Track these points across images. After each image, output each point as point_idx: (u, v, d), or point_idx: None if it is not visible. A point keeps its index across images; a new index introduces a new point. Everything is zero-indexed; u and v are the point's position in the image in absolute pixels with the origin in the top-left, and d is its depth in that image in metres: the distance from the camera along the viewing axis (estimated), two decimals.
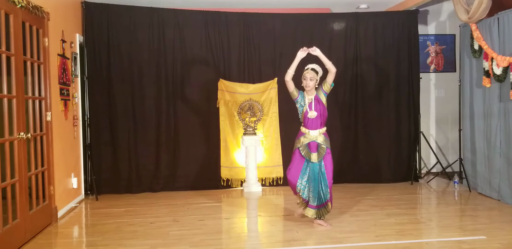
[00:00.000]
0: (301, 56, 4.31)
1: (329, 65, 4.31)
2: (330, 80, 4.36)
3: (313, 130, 4.36)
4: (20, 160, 3.90)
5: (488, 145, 5.52)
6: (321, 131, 4.39)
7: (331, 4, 6.93)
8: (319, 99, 4.37)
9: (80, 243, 4.14)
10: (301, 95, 4.39)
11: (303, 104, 4.37)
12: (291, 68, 4.31)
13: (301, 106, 4.39)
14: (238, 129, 6.29)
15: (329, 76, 4.36)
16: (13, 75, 3.87)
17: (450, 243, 3.85)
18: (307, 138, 4.37)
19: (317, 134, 4.36)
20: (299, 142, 4.40)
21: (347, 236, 4.05)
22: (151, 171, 6.15)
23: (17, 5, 3.86)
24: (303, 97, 4.38)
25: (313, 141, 4.37)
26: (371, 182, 6.48)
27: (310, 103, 4.35)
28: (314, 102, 4.35)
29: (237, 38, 6.34)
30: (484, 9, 5.18)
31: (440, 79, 7.36)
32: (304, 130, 4.40)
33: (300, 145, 4.39)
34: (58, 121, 4.88)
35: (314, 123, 4.36)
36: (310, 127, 4.36)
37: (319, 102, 4.37)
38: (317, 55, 4.32)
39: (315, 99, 4.36)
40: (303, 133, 4.41)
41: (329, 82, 4.36)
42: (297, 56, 4.31)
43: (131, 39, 6.07)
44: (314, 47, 4.32)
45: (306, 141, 4.37)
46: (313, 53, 4.32)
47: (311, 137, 4.37)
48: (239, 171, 6.30)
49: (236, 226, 4.67)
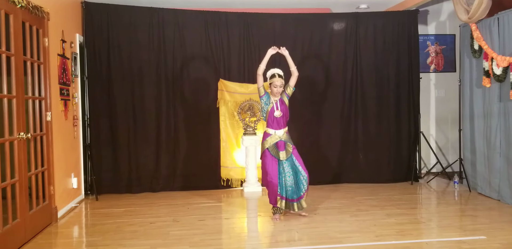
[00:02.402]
0: (271, 53, 4.67)
1: (294, 68, 4.69)
2: (292, 83, 4.70)
3: (278, 129, 4.65)
4: (20, 160, 3.90)
5: (488, 145, 5.52)
6: (285, 130, 4.70)
7: (331, 4, 6.93)
8: (283, 101, 4.70)
9: (80, 243, 4.15)
10: (267, 95, 4.68)
11: (269, 103, 4.66)
12: (262, 63, 4.63)
13: (266, 105, 4.67)
14: (238, 129, 6.29)
15: (292, 79, 4.69)
16: (13, 75, 3.87)
17: (450, 243, 3.85)
18: (274, 137, 4.64)
19: (282, 132, 4.66)
20: (267, 143, 4.65)
21: (347, 236, 4.05)
22: (151, 171, 6.15)
23: (17, 5, 3.86)
24: (269, 97, 4.67)
25: (280, 140, 4.64)
26: (371, 182, 6.48)
27: (276, 103, 4.66)
28: (279, 103, 4.67)
29: (237, 38, 6.34)
30: (484, 9, 5.18)
31: (440, 79, 7.36)
32: (270, 130, 4.67)
33: (268, 146, 4.62)
34: (58, 121, 4.88)
35: (278, 123, 4.65)
36: (275, 127, 4.66)
37: (283, 103, 4.69)
38: (285, 55, 4.70)
39: (279, 100, 4.68)
40: (269, 134, 4.67)
41: (291, 85, 4.70)
42: (267, 53, 4.67)
43: (131, 39, 6.07)
44: (284, 48, 4.70)
45: (274, 141, 4.63)
46: (282, 52, 4.69)
47: (277, 136, 4.64)
48: (239, 171, 6.30)
49: (236, 226, 4.67)
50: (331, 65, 6.54)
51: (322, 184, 6.32)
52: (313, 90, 6.46)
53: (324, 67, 6.50)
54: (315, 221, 4.56)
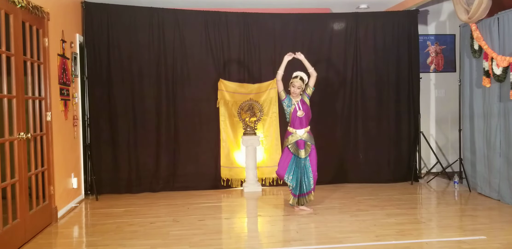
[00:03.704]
0: (287, 60, 4.92)
1: (311, 70, 4.89)
2: (311, 83, 4.91)
3: (299, 129, 4.87)
4: (20, 160, 3.90)
5: (488, 145, 5.52)
6: (306, 129, 4.89)
7: (331, 4, 6.93)
8: (304, 101, 4.92)
9: (80, 243, 4.14)
10: (288, 98, 4.91)
11: (291, 105, 4.88)
12: (280, 69, 4.90)
13: (288, 107, 4.90)
14: (238, 129, 6.29)
15: (311, 80, 4.91)
16: (13, 75, 3.87)
17: (450, 243, 3.85)
18: (295, 136, 4.87)
19: (303, 132, 4.87)
20: (287, 141, 4.91)
21: (347, 236, 4.05)
22: (151, 171, 6.15)
23: (17, 5, 3.86)
24: (290, 99, 4.91)
25: (300, 139, 4.86)
26: (371, 182, 6.48)
27: (298, 104, 4.88)
28: (300, 103, 4.89)
29: (237, 38, 6.34)
30: (484, 9, 5.18)
31: (440, 79, 7.36)
32: (292, 129, 4.90)
33: (289, 144, 4.88)
34: (58, 121, 4.88)
35: (300, 122, 4.87)
36: (297, 127, 4.87)
37: (304, 103, 4.92)
38: (301, 60, 4.93)
39: (301, 101, 4.91)
40: (290, 133, 4.90)
41: (311, 85, 4.92)
42: (284, 60, 4.92)
43: (131, 39, 6.07)
44: (299, 53, 4.95)
45: (294, 139, 4.87)
46: (298, 57, 4.93)
47: (298, 136, 4.86)
48: (239, 171, 6.30)
49: (236, 226, 4.67)
50: (331, 65, 6.54)
51: (322, 184, 6.30)
52: None
53: (324, 67, 6.49)
54: (315, 221, 4.57)
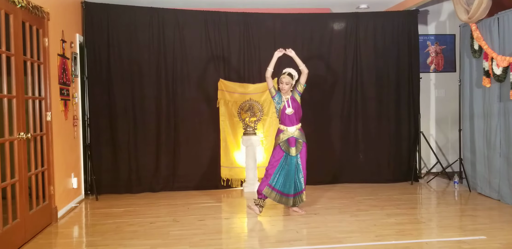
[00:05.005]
0: (277, 56, 4.82)
1: (302, 67, 4.78)
2: (303, 81, 4.82)
3: (290, 126, 4.80)
4: (20, 160, 3.90)
5: (488, 145, 5.52)
6: (297, 127, 4.84)
7: (331, 4, 6.93)
8: (294, 99, 4.83)
9: (80, 243, 4.15)
10: (279, 94, 4.83)
11: (280, 102, 4.80)
12: (270, 66, 4.79)
13: (278, 104, 4.82)
14: (238, 129, 6.29)
15: (302, 77, 4.83)
16: (13, 75, 3.86)
17: (450, 243, 3.85)
18: (286, 134, 4.81)
19: (294, 129, 4.81)
20: (279, 139, 4.83)
21: (347, 236, 4.05)
22: (151, 171, 6.15)
23: (17, 5, 3.86)
24: (280, 96, 4.82)
25: (292, 136, 4.80)
26: (371, 182, 6.48)
27: (287, 101, 4.79)
28: (290, 100, 4.79)
29: (237, 38, 6.34)
30: (484, 9, 5.18)
31: (440, 79, 7.36)
32: (283, 127, 4.84)
33: (280, 141, 4.80)
34: (58, 121, 4.88)
35: (291, 120, 4.80)
36: (288, 124, 4.81)
37: (295, 101, 4.82)
38: (292, 56, 4.82)
39: (291, 98, 4.81)
40: (281, 130, 4.84)
41: (302, 83, 4.82)
42: (274, 56, 4.82)
43: (131, 39, 6.07)
44: (290, 49, 4.83)
45: (285, 137, 4.80)
46: (289, 54, 4.82)
47: (289, 133, 4.80)
48: (239, 171, 6.30)
49: (236, 226, 4.67)
50: (331, 65, 6.54)
51: (322, 184, 6.33)
52: (313, 90, 6.44)
53: (324, 67, 6.49)
54: (315, 221, 4.56)
